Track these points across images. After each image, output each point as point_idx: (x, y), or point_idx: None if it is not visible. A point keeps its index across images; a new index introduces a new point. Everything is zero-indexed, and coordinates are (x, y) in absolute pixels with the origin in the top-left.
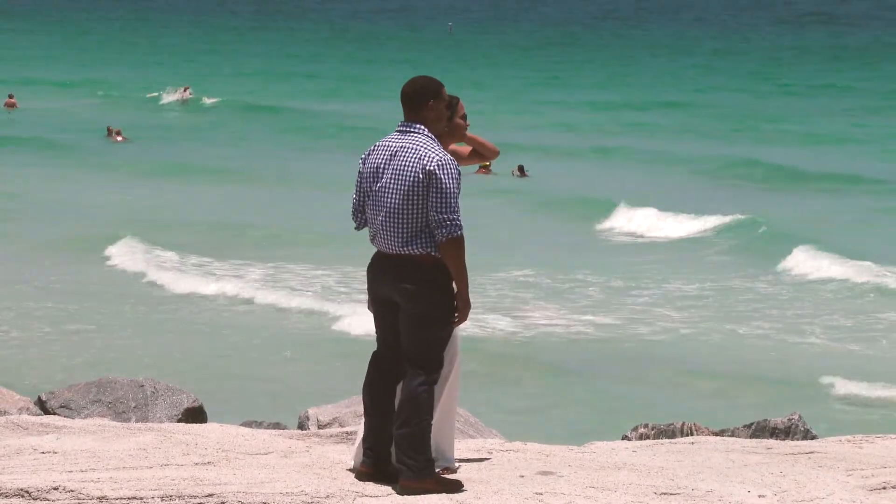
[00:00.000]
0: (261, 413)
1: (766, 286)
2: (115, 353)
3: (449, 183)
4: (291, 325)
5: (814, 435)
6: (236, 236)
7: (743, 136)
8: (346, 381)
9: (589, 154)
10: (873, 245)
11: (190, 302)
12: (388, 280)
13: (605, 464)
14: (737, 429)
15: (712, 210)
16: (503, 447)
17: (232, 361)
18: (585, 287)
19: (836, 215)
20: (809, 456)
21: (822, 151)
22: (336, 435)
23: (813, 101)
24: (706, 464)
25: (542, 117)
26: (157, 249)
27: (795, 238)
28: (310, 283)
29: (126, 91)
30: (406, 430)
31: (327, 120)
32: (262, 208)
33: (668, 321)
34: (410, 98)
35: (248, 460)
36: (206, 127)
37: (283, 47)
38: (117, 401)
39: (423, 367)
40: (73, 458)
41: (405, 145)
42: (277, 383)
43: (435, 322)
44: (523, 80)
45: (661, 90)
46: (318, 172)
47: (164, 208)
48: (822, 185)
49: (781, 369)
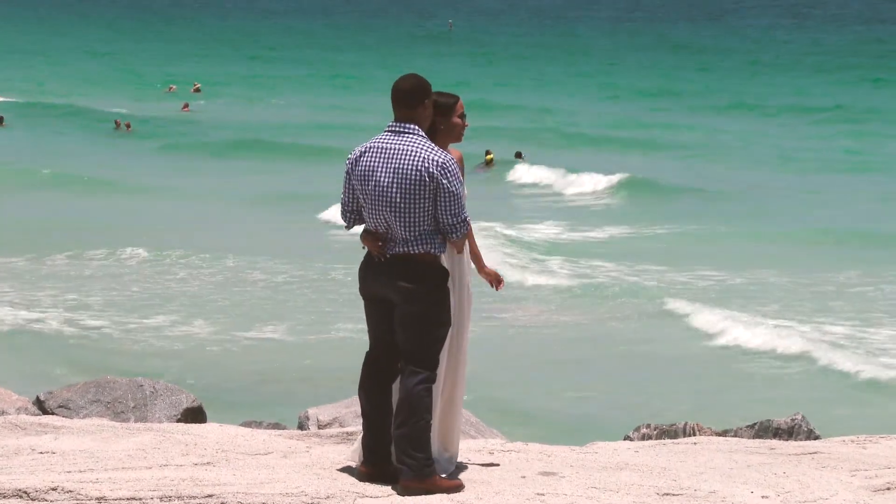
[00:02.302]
0: (260, 413)
1: (769, 278)
2: (114, 352)
3: (455, 185)
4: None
5: (817, 435)
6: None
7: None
8: (346, 380)
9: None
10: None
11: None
12: (385, 278)
13: (607, 464)
14: (740, 429)
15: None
16: (504, 447)
17: (232, 360)
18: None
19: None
20: (813, 456)
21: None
22: (336, 435)
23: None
24: (709, 464)
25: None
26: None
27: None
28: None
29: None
30: (405, 429)
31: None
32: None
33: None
34: (406, 96)
35: (248, 461)
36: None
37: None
38: (116, 401)
39: (421, 365)
40: (71, 458)
41: (403, 148)
42: (277, 383)
43: (433, 320)
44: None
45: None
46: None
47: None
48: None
49: (782, 367)
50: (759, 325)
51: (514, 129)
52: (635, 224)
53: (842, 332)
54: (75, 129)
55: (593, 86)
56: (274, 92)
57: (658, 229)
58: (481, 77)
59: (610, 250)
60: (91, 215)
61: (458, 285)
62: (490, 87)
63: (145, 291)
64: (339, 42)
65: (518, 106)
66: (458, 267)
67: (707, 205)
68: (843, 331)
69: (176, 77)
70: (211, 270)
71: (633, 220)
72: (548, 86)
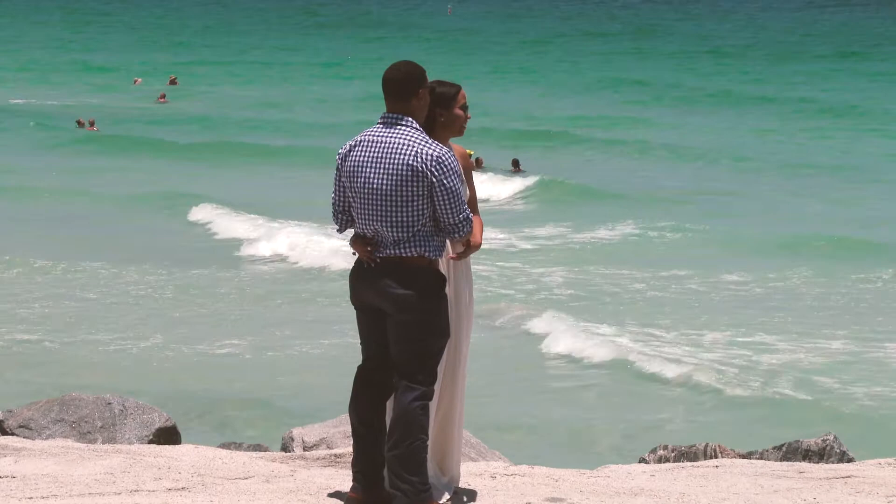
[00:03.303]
0: (240, 434)
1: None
2: (79, 367)
3: (452, 181)
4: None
5: (850, 457)
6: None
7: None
8: (334, 397)
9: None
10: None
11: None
12: (377, 286)
13: (621, 489)
14: (766, 451)
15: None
16: (508, 471)
17: (208, 376)
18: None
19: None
20: (846, 481)
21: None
22: (323, 458)
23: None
24: (732, 489)
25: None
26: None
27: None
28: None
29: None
30: (398, 451)
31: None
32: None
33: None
34: (399, 86)
35: (227, 486)
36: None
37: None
38: (82, 420)
39: (416, 381)
40: (33, 483)
41: (396, 141)
42: (258, 401)
43: (429, 330)
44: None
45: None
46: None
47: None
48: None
49: (815, 384)
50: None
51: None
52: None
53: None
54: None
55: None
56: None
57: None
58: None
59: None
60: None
61: (455, 292)
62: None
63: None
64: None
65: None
66: (456, 272)
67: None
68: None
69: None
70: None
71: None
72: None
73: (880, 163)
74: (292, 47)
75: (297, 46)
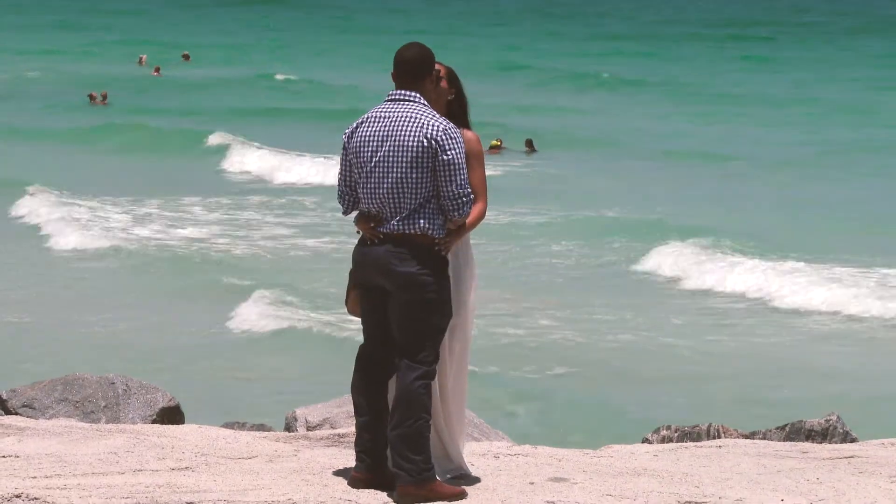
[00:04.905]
0: (244, 413)
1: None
2: (83, 346)
3: (457, 154)
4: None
5: (854, 437)
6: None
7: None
8: (338, 377)
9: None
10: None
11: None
12: (379, 264)
13: (624, 469)
14: (769, 431)
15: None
16: (511, 451)
17: (212, 355)
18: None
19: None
20: (849, 461)
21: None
22: (327, 437)
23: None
24: (735, 469)
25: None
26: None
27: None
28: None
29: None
30: (401, 430)
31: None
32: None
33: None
34: (413, 66)
35: (230, 465)
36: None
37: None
38: (86, 399)
39: (418, 360)
40: (36, 462)
41: (403, 115)
42: (262, 380)
43: (432, 310)
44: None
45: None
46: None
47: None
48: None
49: (814, 363)
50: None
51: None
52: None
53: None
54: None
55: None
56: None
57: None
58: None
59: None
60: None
61: (455, 274)
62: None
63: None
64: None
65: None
66: (456, 253)
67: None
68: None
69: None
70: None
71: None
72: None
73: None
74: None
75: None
